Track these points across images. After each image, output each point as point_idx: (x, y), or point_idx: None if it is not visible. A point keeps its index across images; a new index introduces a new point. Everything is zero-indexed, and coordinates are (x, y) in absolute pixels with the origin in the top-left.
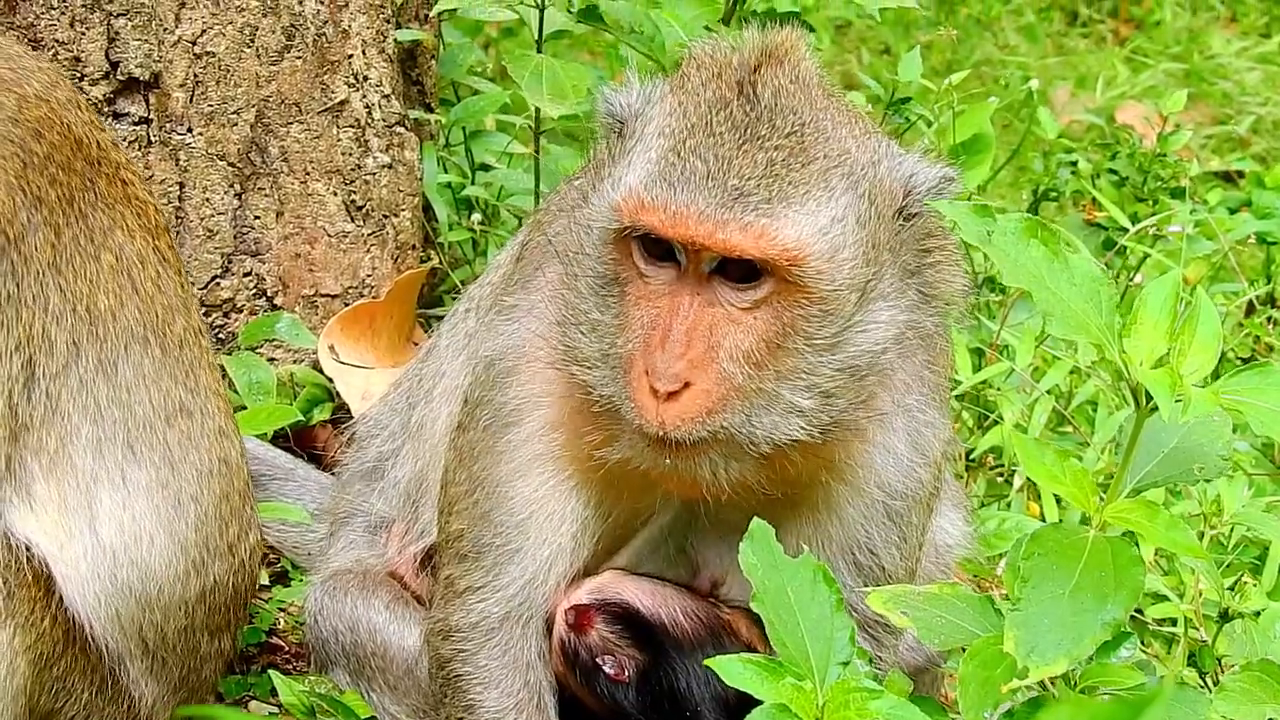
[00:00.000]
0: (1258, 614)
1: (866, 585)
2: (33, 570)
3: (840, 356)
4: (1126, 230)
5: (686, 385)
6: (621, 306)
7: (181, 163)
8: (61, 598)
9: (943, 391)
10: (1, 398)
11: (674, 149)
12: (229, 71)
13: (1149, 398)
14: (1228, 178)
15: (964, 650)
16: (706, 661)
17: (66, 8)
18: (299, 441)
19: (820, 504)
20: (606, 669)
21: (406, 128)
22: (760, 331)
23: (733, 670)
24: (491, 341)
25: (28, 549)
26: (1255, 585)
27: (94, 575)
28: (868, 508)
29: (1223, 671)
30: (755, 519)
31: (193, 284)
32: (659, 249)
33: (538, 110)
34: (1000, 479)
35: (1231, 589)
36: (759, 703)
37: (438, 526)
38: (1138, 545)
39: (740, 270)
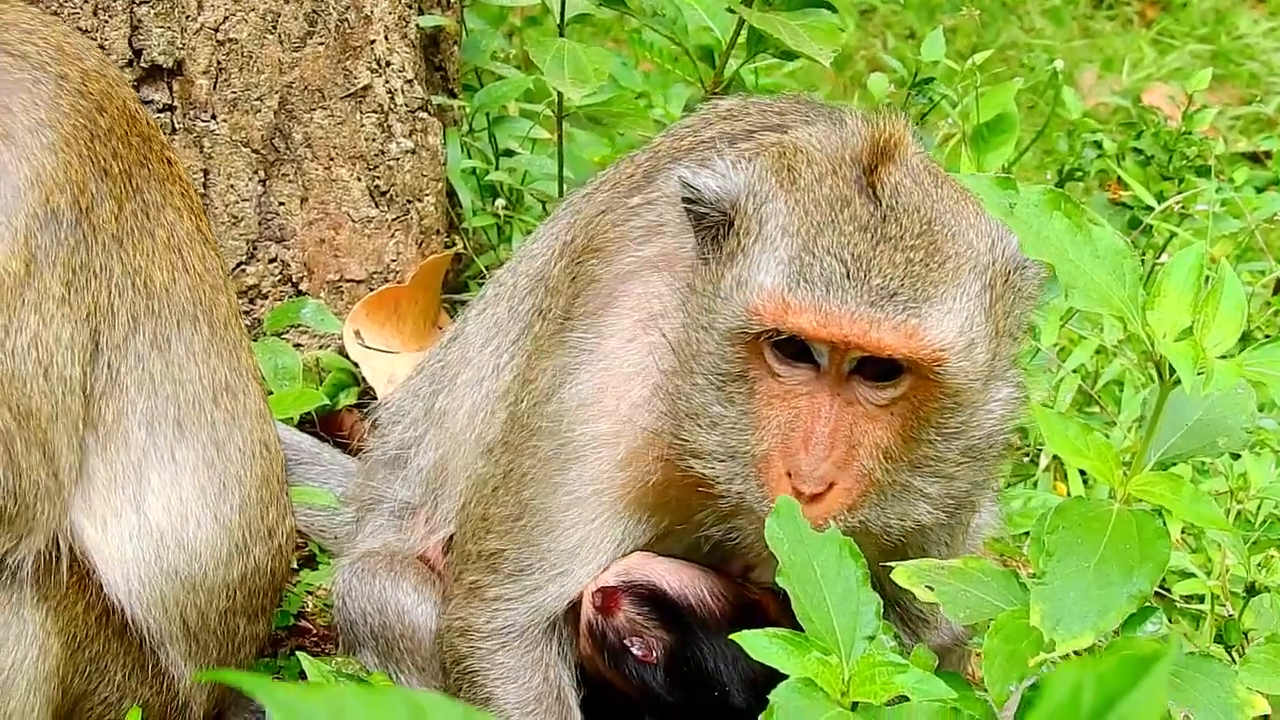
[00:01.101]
0: None
1: None
2: (69, 552)
3: (964, 440)
4: (1152, 209)
5: (830, 486)
6: (750, 404)
7: (205, 150)
8: (101, 582)
9: None
10: (79, 364)
11: (805, 247)
12: (252, 58)
13: (1172, 370)
14: (1255, 158)
15: (989, 625)
16: (732, 636)
17: None
18: (325, 426)
19: None
20: (634, 650)
21: (430, 113)
22: (897, 427)
23: (758, 644)
24: (564, 386)
25: (69, 530)
26: None
27: (139, 558)
28: None
29: (1249, 645)
30: (781, 496)
31: None
32: (793, 348)
33: (560, 95)
34: (1026, 459)
35: (1259, 564)
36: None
37: (466, 536)
38: (1163, 519)
39: (879, 369)
